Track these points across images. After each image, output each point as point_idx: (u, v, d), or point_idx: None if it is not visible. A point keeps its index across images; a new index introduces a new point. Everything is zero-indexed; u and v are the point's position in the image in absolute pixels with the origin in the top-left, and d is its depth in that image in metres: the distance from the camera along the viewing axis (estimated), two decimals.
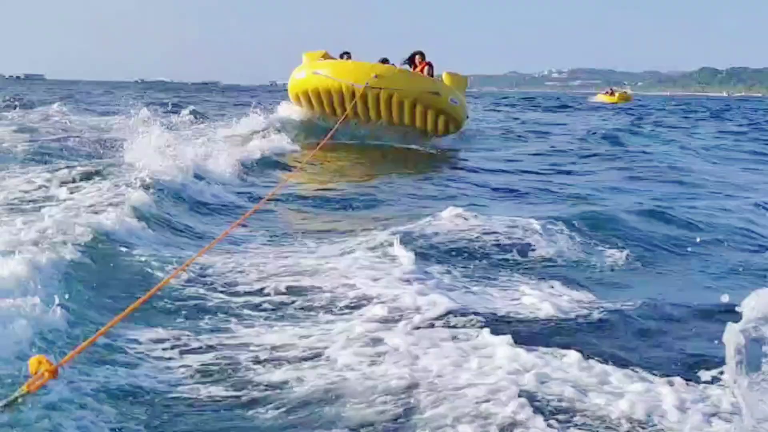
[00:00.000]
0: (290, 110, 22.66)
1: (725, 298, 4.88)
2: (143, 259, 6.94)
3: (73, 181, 10.75)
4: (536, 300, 6.17)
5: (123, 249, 7.16)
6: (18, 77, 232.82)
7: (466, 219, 9.10)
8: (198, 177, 11.52)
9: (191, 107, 32.04)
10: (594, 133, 27.31)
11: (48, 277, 5.71)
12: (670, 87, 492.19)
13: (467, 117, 22.80)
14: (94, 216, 7.98)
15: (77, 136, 17.64)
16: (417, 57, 21.65)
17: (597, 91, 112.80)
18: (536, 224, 8.78)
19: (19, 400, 2.45)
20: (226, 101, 52.82)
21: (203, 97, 64.43)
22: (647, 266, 7.84)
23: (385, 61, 21.39)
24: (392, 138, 20.26)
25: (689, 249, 8.34)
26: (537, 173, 16.21)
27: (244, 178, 13.33)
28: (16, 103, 35.60)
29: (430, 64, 21.55)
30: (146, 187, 9.74)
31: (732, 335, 3.89)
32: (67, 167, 11.55)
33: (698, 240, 8.52)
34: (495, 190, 13.52)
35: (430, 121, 20.44)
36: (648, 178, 15.66)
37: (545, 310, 5.93)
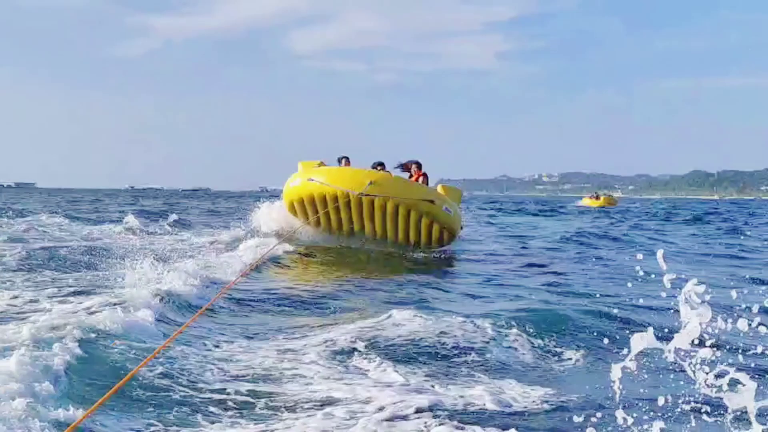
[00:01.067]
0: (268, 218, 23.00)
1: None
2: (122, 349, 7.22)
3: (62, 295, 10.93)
4: (492, 397, 6.46)
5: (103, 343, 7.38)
6: (9, 186, 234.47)
7: (424, 319, 9.57)
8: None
9: (174, 216, 32.82)
10: (567, 238, 27.97)
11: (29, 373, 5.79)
12: (661, 190, 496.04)
13: (462, 227, 22.72)
14: (87, 316, 8.38)
15: (65, 246, 18.01)
16: (413, 166, 21.71)
17: (584, 195, 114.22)
18: (488, 324, 9.30)
19: None
20: (215, 208, 53.50)
21: (193, 203, 65.16)
22: (598, 363, 8.17)
23: (380, 165, 21.30)
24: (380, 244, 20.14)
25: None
26: (502, 275, 16.71)
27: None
28: (9, 212, 36.22)
29: (425, 175, 21.56)
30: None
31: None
32: (53, 281, 12.12)
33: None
34: (457, 289, 14.08)
35: (424, 230, 20.21)
36: (606, 278, 16.26)
37: (502, 406, 6.24)
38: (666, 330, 4.04)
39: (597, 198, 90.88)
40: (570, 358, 8.38)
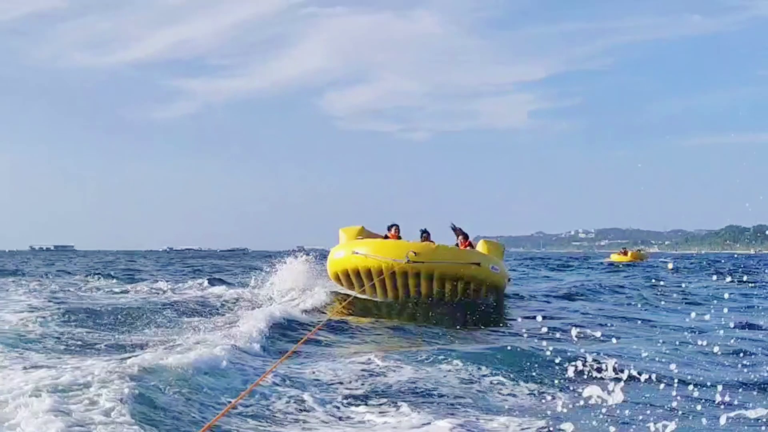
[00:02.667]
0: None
1: None
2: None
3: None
4: None
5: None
6: (48, 248, 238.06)
7: None
8: None
9: (207, 278, 34.06)
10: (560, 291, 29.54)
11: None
12: (698, 245, 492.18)
13: (508, 280, 22.71)
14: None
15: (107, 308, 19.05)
16: (460, 237, 21.90)
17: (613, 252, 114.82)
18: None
19: None
20: (253, 264, 54.28)
21: (230, 263, 66.32)
22: None
23: (425, 232, 21.56)
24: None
25: None
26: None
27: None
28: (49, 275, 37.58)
29: (471, 245, 21.71)
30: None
31: None
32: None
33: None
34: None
35: (472, 292, 20.20)
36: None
37: None
38: None
39: (625, 253, 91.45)
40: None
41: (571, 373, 7.49)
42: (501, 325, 17.96)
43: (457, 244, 21.69)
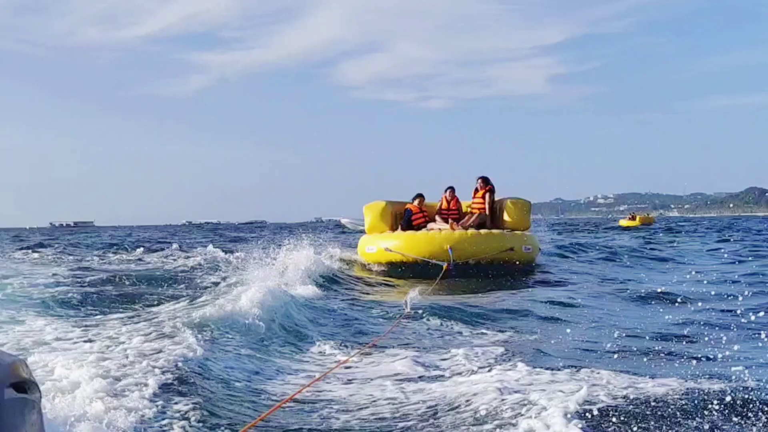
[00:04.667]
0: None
1: None
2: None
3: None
4: None
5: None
6: (68, 225, 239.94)
7: None
8: None
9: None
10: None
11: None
12: (717, 208, 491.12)
13: (539, 250, 22.83)
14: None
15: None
16: (480, 181, 22.05)
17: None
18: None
19: None
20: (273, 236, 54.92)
21: (249, 235, 66.93)
22: None
23: (451, 189, 21.92)
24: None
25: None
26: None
27: None
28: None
29: (492, 190, 21.93)
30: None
31: None
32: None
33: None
34: None
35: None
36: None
37: None
38: None
39: (633, 219, 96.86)
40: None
41: None
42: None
43: (476, 189, 22.00)
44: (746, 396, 6.10)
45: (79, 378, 6.58)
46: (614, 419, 5.78)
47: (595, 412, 5.91)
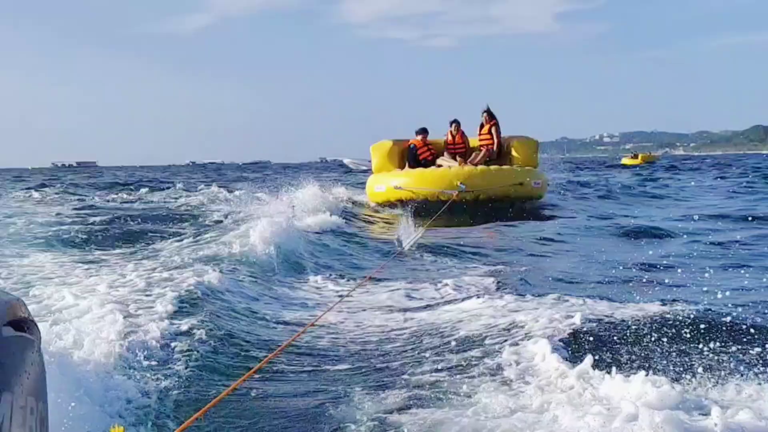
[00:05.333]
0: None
1: None
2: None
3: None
4: None
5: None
6: (71, 165, 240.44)
7: None
8: None
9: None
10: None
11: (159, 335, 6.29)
12: (722, 146, 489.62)
13: (548, 185, 22.92)
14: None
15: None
16: (485, 115, 21.65)
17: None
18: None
19: None
20: (277, 176, 54.89)
21: (252, 175, 66.89)
22: None
23: (456, 122, 21.56)
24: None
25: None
26: None
27: None
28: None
29: (496, 124, 21.63)
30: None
31: None
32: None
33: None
34: None
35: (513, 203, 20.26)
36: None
37: None
38: None
39: (636, 157, 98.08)
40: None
41: None
42: None
43: (482, 124, 21.67)
44: (721, 321, 6.48)
45: (89, 304, 6.92)
46: (594, 342, 6.15)
47: (577, 336, 6.30)
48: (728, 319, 6.52)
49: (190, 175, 70.05)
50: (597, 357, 5.47)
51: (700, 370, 5.26)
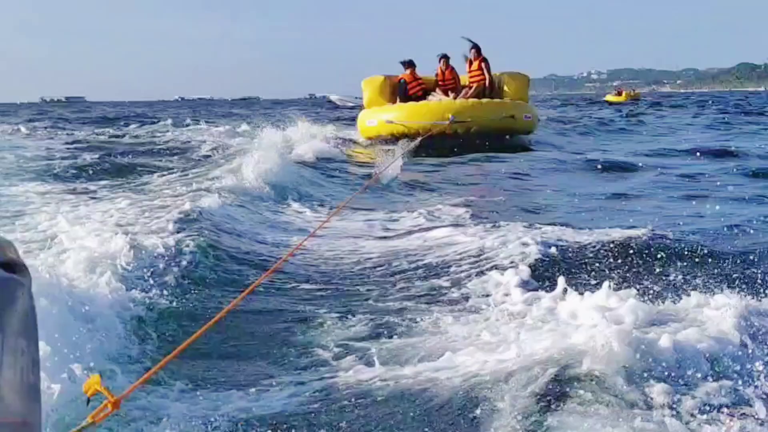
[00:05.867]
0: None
1: None
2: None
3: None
4: None
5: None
6: (60, 100, 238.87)
7: None
8: None
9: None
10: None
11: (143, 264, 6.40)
12: (709, 83, 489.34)
13: (539, 120, 23.04)
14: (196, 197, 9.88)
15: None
16: (473, 51, 21.41)
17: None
18: None
19: None
20: (267, 111, 54.38)
21: (242, 111, 66.31)
22: None
23: (445, 57, 21.39)
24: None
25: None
26: None
27: None
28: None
29: (486, 60, 21.38)
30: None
31: None
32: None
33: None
34: None
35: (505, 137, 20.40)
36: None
37: None
38: None
39: (620, 94, 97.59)
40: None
41: None
42: None
43: (470, 60, 21.46)
44: (677, 245, 7.03)
45: (86, 229, 7.24)
46: (558, 266, 6.67)
47: (541, 262, 6.80)
48: (683, 244, 7.05)
49: (178, 110, 69.69)
50: (559, 281, 5.84)
51: (655, 288, 5.70)
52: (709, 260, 6.64)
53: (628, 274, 6.30)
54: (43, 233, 7.59)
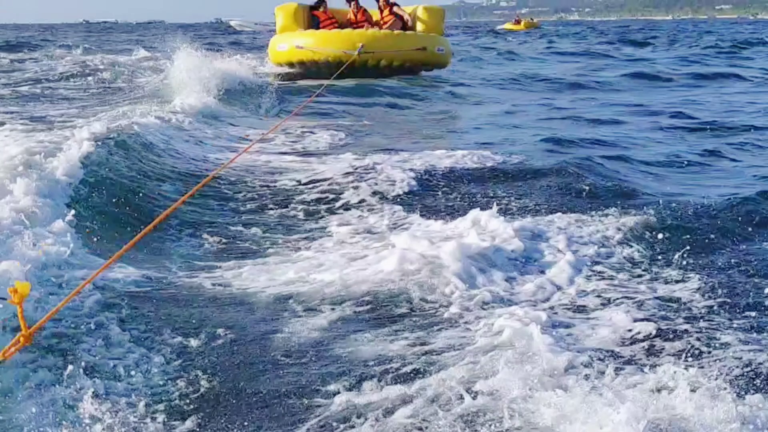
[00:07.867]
0: None
1: None
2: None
3: None
4: None
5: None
6: None
7: None
8: None
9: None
10: None
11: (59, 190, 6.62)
12: (617, 12, 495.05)
13: (452, 54, 23.19)
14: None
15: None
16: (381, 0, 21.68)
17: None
18: None
19: None
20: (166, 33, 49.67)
21: (144, 36, 63.09)
22: None
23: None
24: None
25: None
26: None
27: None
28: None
29: (396, 4, 21.69)
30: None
31: None
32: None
33: None
34: None
35: (418, 70, 21.10)
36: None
37: None
38: None
39: (518, 23, 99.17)
40: None
41: None
42: None
43: (380, 8, 21.73)
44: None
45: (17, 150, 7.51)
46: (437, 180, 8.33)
47: (432, 173, 8.46)
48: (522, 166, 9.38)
49: (75, 34, 66.35)
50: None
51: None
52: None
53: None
54: None
